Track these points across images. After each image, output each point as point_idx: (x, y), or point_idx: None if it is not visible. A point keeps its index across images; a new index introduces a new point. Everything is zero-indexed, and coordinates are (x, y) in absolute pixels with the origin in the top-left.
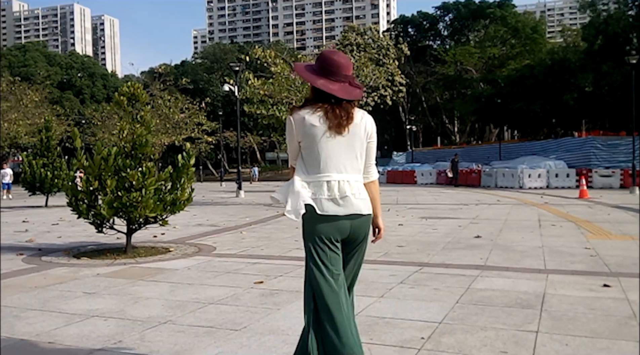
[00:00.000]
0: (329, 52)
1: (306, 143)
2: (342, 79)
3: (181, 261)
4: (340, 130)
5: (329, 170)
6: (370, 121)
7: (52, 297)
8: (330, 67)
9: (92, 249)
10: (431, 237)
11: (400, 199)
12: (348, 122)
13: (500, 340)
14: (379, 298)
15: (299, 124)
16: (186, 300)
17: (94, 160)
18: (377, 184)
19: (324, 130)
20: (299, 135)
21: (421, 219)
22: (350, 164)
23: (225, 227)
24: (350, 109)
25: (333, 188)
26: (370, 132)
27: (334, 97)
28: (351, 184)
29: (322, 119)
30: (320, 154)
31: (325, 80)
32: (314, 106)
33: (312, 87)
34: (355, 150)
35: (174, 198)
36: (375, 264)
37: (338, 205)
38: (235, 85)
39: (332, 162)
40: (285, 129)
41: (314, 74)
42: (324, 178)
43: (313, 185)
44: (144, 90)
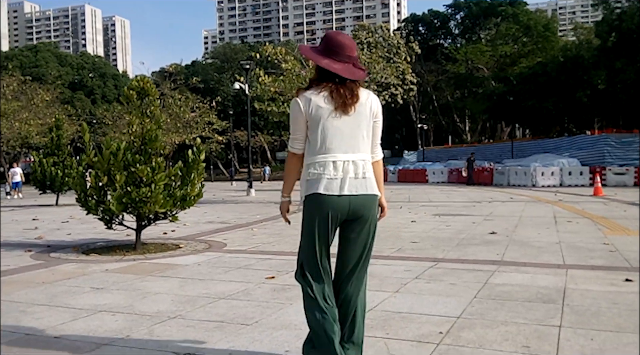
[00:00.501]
0: (334, 33)
1: (312, 123)
2: (346, 60)
3: (191, 257)
4: (346, 110)
5: (334, 151)
6: (376, 101)
7: (60, 293)
8: (334, 48)
9: (101, 245)
10: (445, 234)
11: (412, 197)
12: (353, 101)
13: (522, 335)
14: (393, 293)
15: (305, 104)
16: (196, 295)
17: (103, 155)
18: (382, 164)
19: (330, 110)
20: (306, 115)
21: (434, 216)
22: (356, 143)
23: (236, 224)
24: (355, 88)
25: (338, 168)
26: (375, 112)
27: (339, 77)
28: (357, 163)
29: (327, 99)
30: (326, 134)
31: (330, 60)
32: (319, 86)
33: (317, 68)
34: (361, 130)
35: (184, 194)
36: (388, 260)
37: (344, 185)
38: (246, 83)
39: (337, 142)
40: (290, 112)
41: (319, 54)
42: (329, 158)
43: (319, 165)
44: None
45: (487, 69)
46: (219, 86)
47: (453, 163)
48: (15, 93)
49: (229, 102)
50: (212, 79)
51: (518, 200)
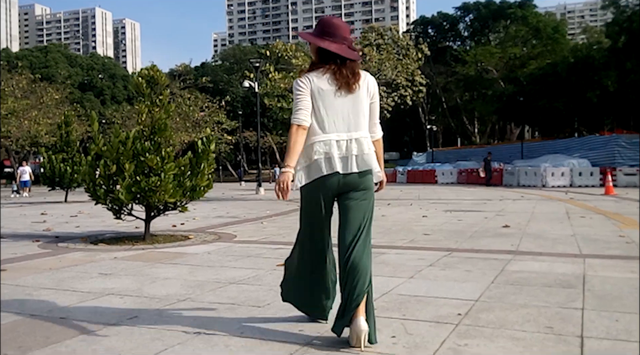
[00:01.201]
0: (328, 17)
1: (316, 104)
2: (341, 41)
3: (201, 246)
4: (350, 89)
5: (338, 130)
6: (372, 81)
7: (67, 278)
8: (329, 29)
9: (110, 236)
10: (457, 227)
11: (422, 195)
12: (356, 80)
13: (544, 317)
14: (408, 278)
15: (308, 83)
16: (206, 280)
17: (112, 144)
18: (382, 142)
19: (333, 91)
20: (310, 91)
21: (445, 212)
22: (357, 122)
23: (245, 218)
24: (355, 67)
25: (342, 147)
26: (372, 92)
27: (340, 58)
28: (360, 141)
29: (330, 80)
30: (329, 114)
31: (329, 42)
32: (321, 68)
33: (317, 51)
34: (362, 109)
35: (193, 184)
36: (401, 249)
37: (349, 163)
38: (256, 81)
39: (340, 121)
40: (294, 89)
41: (317, 36)
42: (333, 137)
43: (325, 144)
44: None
45: (497, 70)
46: (228, 87)
47: (462, 164)
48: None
49: (238, 103)
50: (222, 80)
51: (529, 198)
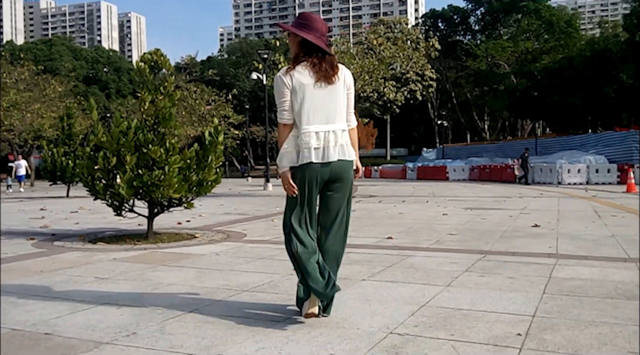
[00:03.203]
0: (307, 12)
1: (295, 97)
2: (319, 35)
3: (208, 247)
4: (329, 81)
5: (317, 122)
6: (348, 74)
7: (59, 282)
8: (307, 21)
9: (110, 234)
10: (483, 226)
11: (436, 192)
12: (334, 72)
13: (621, 338)
14: (445, 287)
15: (288, 79)
16: (215, 287)
17: (112, 134)
18: (356, 131)
19: (312, 84)
20: (290, 88)
21: (465, 210)
22: (335, 114)
23: (255, 215)
24: (334, 61)
25: (321, 138)
26: (349, 84)
27: (321, 51)
28: (337, 133)
29: (311, 73)
30: (309, 107)
31: (312, 36)
32: (303, 62)
33: (298, 44)
34: (339, 102)
35: (200, 178)
36: (428, 251)
37: (326, 153)
38: (264, 73)
39: (318, 114)
40: (275, 86)
41: (297, 28)
42: (312, 129)
43: (305, 135)
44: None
45: (508, 65)
46: (235, 81)
47: (474, 160)
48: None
49: (244, 97)
50: (228, 74)
51: (549, 196)
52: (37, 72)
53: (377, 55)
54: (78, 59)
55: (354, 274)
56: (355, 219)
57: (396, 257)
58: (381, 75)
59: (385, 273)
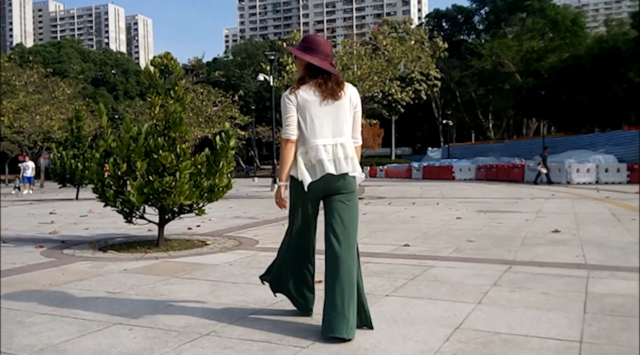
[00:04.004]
0: (312, 35)
1: (302, 115)
2: (324, 57)
3: (221, 255)
4: (335, 97)
5: (323, 136)
6: (355, 92)
7: (68, 298)
8: (312, 45)
9: (120, 241)
10: (500, 231)
11: (445, 193)
12: (340, 88)
13: None
14: (476, 304)
15: (294, 98)
16: (232, 304)
17: (122, 140)
18: (360, 149)
19: (318, 101)
20: (296, 106)
21: (478, 213)
22: (341, 128)
23: (264, 219)
24: (339, 79)
25: (329, 150)
26: (355, 102)
27: (325, 72)
28: (344, 145)
29: (317, 92)
30: (315, 121)
31: (317, 59)
32: (308, 83)
33: (304, 67)
34: (345, 116)
35: (211, 184)
36: (449, 261)
37: (333, 165)
38: (271, 74)
39: (325, 129)
40: (282, 105)
41: (303, 52)
42: (320, 142)
43: (312, 149)
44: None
45: (513, 64)
46: (240, 82)
47: (481, 160)
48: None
49: (250, 98)
50: (234, 75)
51: (561, 197)
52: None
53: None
54: (86, 61)
55: (376, 288)
56: (368, 223)
57: (417, 268)
58: (390, 75)
59: (408, 287)
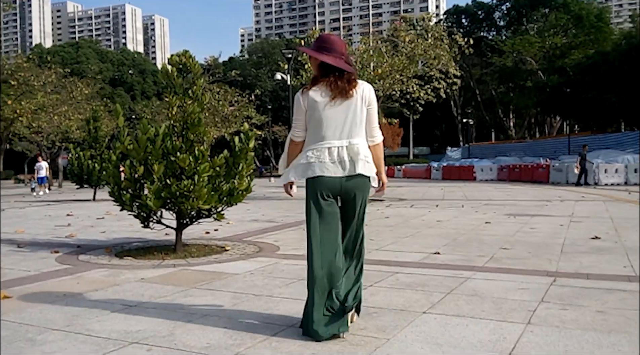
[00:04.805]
0: (326, 34)
1: (310, 115)
2: (339, 56)
3: (241, 263)
4: (346, 95)
5: (329, 138)
6: (367, 88)
7: (83, 311)
8: (326, 44)
9: (137, 246)
10: (535, 238)
11: (468, 194)
12: (351, 87)
13: None
14: (525, 324)
15: (304, 99)
16: (255, 319)
17: (139, 142)
18: (382, 146)
19: (327, 102)
20: (305, 108)
21: (508, 217)
22: (350, 129)
23: (284, 223)
24: (351, 77)
25: (333, 153)
26: (368, 99)
27: (338, 70)
28: (351, 147)
29: (325, 92)
30: (322, 122)
31: (329, 57)
32: (320, 82)
33: (317, 66)
34: (355, 117)
35: (230, 187)
36: (486, 272)
37: (337, 168)
38: (288, 73)
39: (331, 130)
40: (294, 105)
41: (317, 51)
42: (325, 145)
43: (316, 150)
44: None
45: (536, 61)
46: (257, 81)
47: (503, 160)
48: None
49: (266, 97)
50: (250, 75)
51: (592, 199)
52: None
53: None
54: (104, 61)
55: (411, 304)
56: (392, 227)
57: (452, 280)
58: (411, 73)
59: (446, 303)
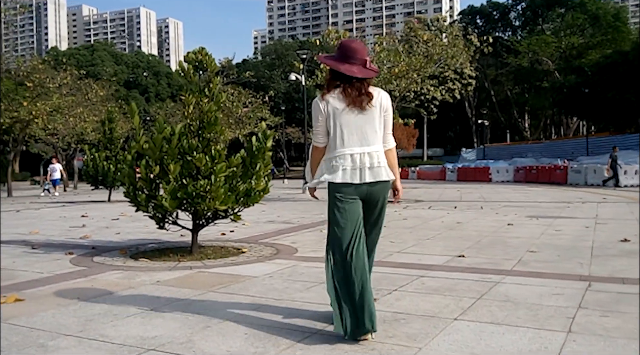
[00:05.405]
0: (347, 41)
1: (331, 121)
2: (359, 62)
3: (259, 266)
4: (361, 106)
5: (351, 145)
6: (385, 96)
7: (97, 315)
8: (349, 53)
9: (152, 247)
10: (562, 240)
11: (486, 196)
12: (365, 98)
13: None
14: (567, 333)
15: (324, 105)
16: (278, 325)
17: (155, 141)
18: (395, 151)
19: (344, 108)
20: (325, 113)
21: (530, 219)
22: (369, 136)
23: (300, 224)
24: (362, 87)
25: (355, 160)
26: (385, 106)
27: (347, 78)
28: (371, 154)
29: (342, 98)
30: (343, 130)
31: (348, 65)
32: (334, 88)
33: (330, 71)
34: (374, 125)
35: (247, 188)
36: (515, 276)
37: (359, 174)
38: (303, 73)
39: (353, 136)
40: (312, 111)
41: (337, 61)
42: (347, 151)
43: (339, 157)
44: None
45: (552, 61)
46: (270, 83)
47: (519, 161)
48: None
49: (279, 98)
50: (263, 76)
51: (614, 201)
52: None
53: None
54: (119, 63)
55: (440, 310)
56: (411, 229)
57: (481, 284)
58: (429, 73)
59: (478, 309)
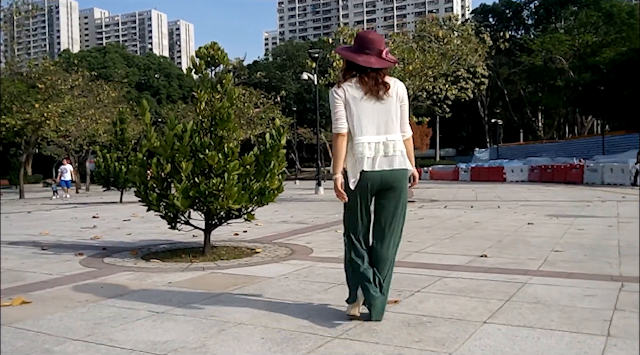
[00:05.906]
0: (364, 32)
1: (348, 110)
2: (376, 53)
3: (274, 266)
4: (377, 95)
5: (370, 133)
6: (401, 86)
7: (106, 318)
8: (366, 44)
9: (164, 248)
10: (586, 240)
11: (502, 195)
12: (381, 87)
13: None
14: (605, 336)
15: (342, 93)
16: (296, 329)
17: (167, 138)
18: (412, 141)
19: (362, 96)
20: (344, 101)
21: (550, 218)
22: (387, 125)
23: (314, 224)
24: (378, 76)
25: (372, 148)
26: (402, 96)
27: (362, 68)
28: (390, 143)
29: (359, 87)
30: (362, 119)
31: (365, 56)
32: (350, 78)
33: (346, 61)
34: (390, 114)
35: (261, 186)
36: (543, 277)
37: (379, 162)
38: (315, 73)
39: (370, 126)
40: (331, 100)
41: (354, 52)
42: (365, 140)
43: (359, 146)
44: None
45: (566, 59)
46: (281, 84)
47: (534, 160)
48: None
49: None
50: (274, 77)
51: (633, 199)
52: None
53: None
54: (130, 65)
55: (468, 312)
56: (428, 229)
57: (507, 285)
58: (443, 70)
59: (508, 311)
